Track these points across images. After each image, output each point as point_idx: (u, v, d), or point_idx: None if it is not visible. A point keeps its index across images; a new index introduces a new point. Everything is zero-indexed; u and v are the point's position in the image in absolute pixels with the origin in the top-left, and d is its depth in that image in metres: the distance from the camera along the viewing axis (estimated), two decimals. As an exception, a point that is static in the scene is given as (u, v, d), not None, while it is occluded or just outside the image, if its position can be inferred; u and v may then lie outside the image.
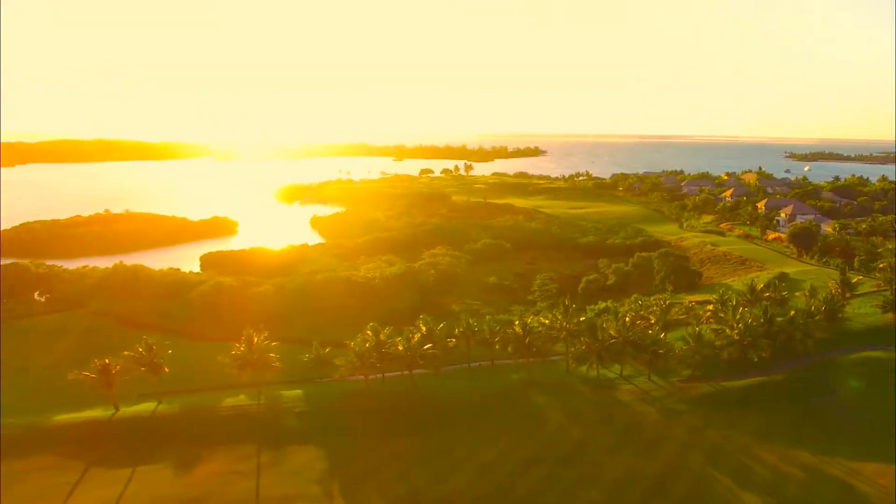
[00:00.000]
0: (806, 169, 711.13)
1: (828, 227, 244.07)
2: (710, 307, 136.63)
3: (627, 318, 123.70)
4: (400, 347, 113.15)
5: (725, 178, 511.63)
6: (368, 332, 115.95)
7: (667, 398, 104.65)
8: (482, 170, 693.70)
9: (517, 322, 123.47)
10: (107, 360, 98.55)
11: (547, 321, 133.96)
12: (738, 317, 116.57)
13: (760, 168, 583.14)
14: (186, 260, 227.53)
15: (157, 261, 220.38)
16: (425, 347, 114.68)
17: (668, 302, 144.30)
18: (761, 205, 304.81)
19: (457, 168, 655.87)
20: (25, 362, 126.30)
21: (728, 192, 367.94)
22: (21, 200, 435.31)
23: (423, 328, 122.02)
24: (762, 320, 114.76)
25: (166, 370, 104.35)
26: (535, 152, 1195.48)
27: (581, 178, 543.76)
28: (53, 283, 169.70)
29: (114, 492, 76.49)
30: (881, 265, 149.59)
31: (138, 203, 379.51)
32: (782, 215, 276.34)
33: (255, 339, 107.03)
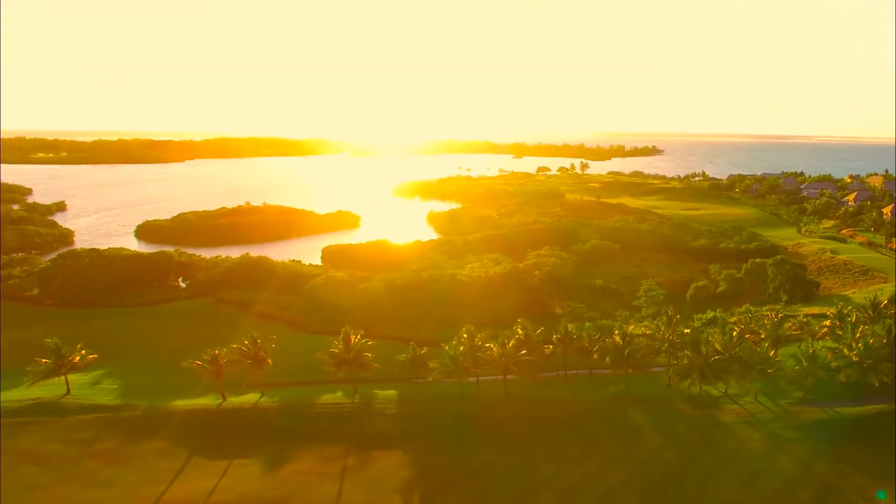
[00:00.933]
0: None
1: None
2: (827, 323, 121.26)
3: (735, 333, 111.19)
4: (495, 351, 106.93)
5: (849, 181, 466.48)
6: (464, 334, 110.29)
7: (774, 423, 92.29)
8: (598, 168, 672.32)
9: (617, 332, 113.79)
10: (216, 351, 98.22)
11: (649, 331, 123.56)
12: (857, 335, 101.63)
13: (887, 171, 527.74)
14: (310, 252, 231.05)
15: (284, 252, 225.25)
16: (521, 354, 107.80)
17: (780, 315, 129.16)
18: (887, 210, 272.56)
19: (573, 166, 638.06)
20: (157, 344, 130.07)
21: (851, 196, 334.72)
22: (188, 192, 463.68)
23: (521, 332, 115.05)
24: (885, 340, 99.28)
25: (269, 363, 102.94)
26: (652, 151, 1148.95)
27: (697, 178, 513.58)
28: (191, 270, 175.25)
29: (208, 484, 74.99)
30: None
31: (277, 196, 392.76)
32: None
33: (353, 339, 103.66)
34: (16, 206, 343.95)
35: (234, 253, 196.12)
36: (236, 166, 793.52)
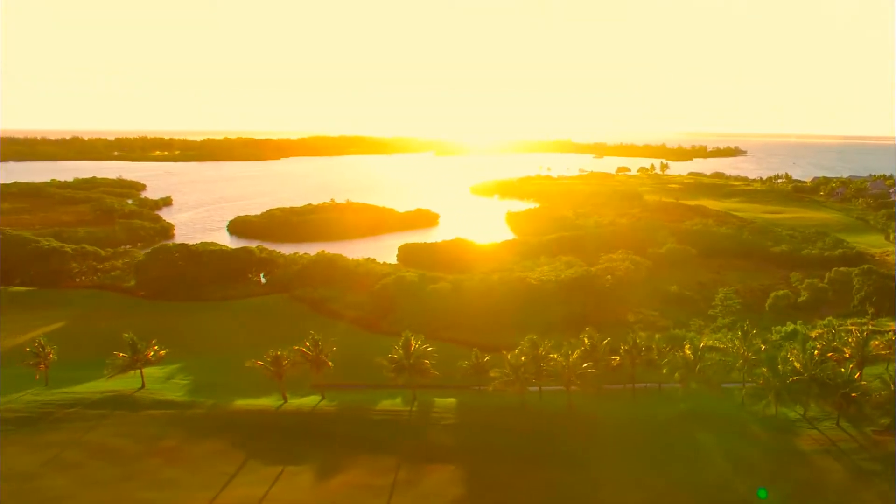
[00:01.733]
0: None
1: None
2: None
3: (816, 352, 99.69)
4: (558, 361, 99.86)
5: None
6: (526, 343, 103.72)
7: (857, 453, 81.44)
8: (679, 169, 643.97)
9: (688, 345, 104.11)
10: (278, 353, 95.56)
11: (723, 345, 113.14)
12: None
13: None
14: (387, 250, 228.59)
15: (362, 249, 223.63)
16: (585, 366, 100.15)
17: (867, 331, 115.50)
18: None
19: (653, 167, 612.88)
20: (231, 340, 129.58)
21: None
22: (280, 188, 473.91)
23: (587, 342, 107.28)
24: None
25: (330, 365, 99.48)
26: (734, 152, 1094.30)
27: (780, 180, 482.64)
28: (270, 266, 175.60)
29: (259, 491, 71.84)
30: None
31: (361, 193, 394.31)
32: None
33: (413, 345, 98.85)
34: (130, 201, 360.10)
35: (315, 249, 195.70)
36: (326, 164, 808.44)
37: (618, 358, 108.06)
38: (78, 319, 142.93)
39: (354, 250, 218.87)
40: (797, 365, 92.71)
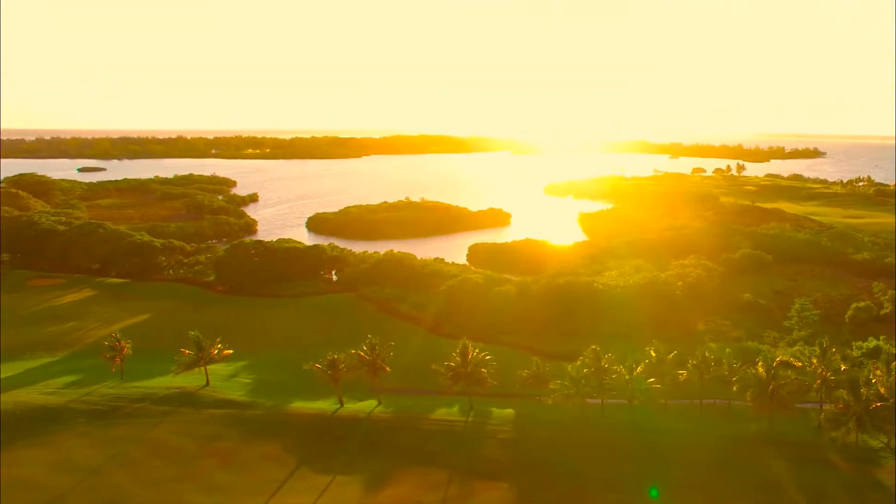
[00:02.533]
0: None
1: None
2: None
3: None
4: (622, 374, 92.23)
5: None
6: (589, 354, 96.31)
7: (950, 491, 70.30)
8: (755, 170, 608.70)
9: (761, 364, 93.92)
10: (335, 356, 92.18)
11: (799, 362, 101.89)
12: None
13: None
14: (457, 249, 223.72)
15: (432, 248, 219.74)
16: (649, 381, 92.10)
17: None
18: None
19: (728, 168, 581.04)
20: (297, 338, 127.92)
21: None
22: (359, 186, 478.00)
23: (653, 354, 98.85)
24: None
25: (387, 370, 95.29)
26: (813, 154, 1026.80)
27: (861, 183, 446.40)
28: (340, 265, 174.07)
29: (307, 501, 68.52)
30: None
31: (436, 192, 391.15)
32: None
33: (471, 352, 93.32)
34: (220, 197, 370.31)
35: (388, 247, 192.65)
36: (405, 162, 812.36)
37: (685, 373, 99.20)
38: (161, 312, 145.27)
39: (426, 249, 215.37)
40: (881, 389, 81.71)
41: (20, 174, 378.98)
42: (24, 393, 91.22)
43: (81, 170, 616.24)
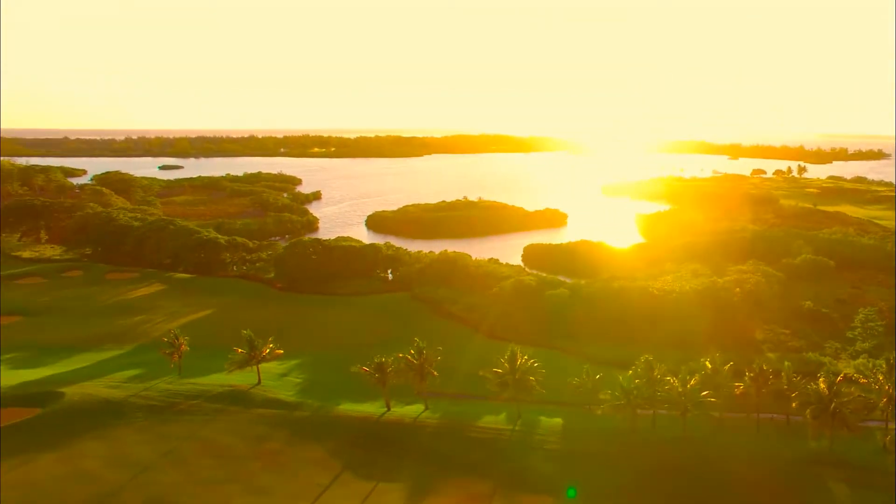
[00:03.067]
0: None
1: None
2: None
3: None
4: (675, 386, 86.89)
5: None
6: (641, 364, 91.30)
7: None
8: (817, 172, 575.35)
9: (822, 379, 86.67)
10: (382, 359, 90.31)
11: (864, 378, 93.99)
12: None
13: None
14: (513, 249, 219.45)
15: (487, 249, 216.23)
16: (704, 394, 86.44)
17: None
18: None
19: (789, 169, 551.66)
20: (350, 337, 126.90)
21: None
22: (419, 185, 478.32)
23: (709, 366, 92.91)
24: None
25: (435, 374, 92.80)
26: (877, 155, 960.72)
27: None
28: (395, 264, 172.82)
29: (348, 508, 66.72)
30: None
31: (494, 191, 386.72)
32: None
33: (520, 359, 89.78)
34: (285, 195, 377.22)
35: (445, 246, 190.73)
36: (465, 161, 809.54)
37: (741, 386, 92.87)
38: (222, 308, 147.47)
39: (482, 249, 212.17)
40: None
41: (107, 172, 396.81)
42: (91, 385, 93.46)
43: (162, 167, 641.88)
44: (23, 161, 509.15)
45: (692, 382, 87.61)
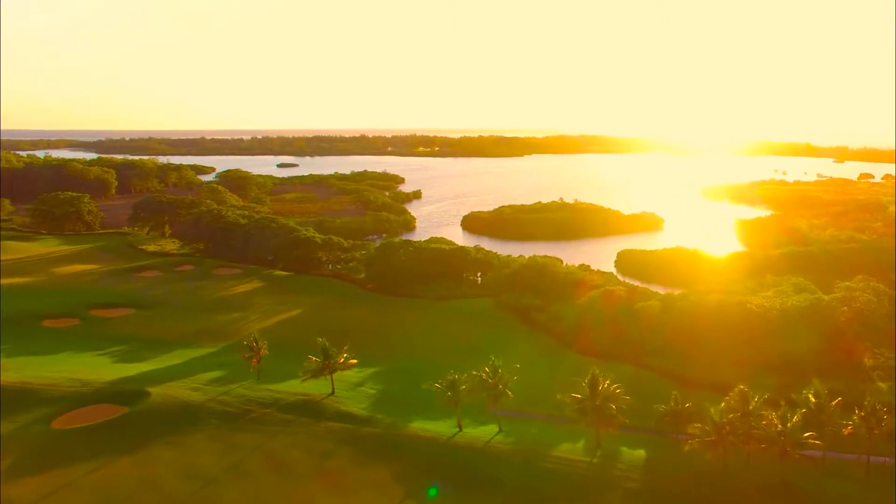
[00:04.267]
0: None
1: None
2: None
3: None
4: (774, 419, 73.05)
5: None
6: (735, 396, 77.99)
7: None
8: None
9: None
10: (455, 376, 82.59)
11: None
12: None
13: None
14: (606, 254, 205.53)
15: (580, 253, 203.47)
16: (806, 435, 72.22)
17: None
18: None
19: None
20: (432, 343, 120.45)
21: None
22: (516, 185, 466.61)
23: (813, 400, 77.96)
24: None
25: (509, 395, 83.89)
26: None
27: None
28: (483, 268, 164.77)
29: (404, 544, 59.62)
30: None
31: (590, 192, 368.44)
32: None
33: (601, 384, 79.00)
34: (387, 193, 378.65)
35: (538, 248, 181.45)
36: (565, 161, 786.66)
37: (851, 426, 77.11)
38: (312, 307, 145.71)
39: (575, 253, 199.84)
40: None
41: (228, 170, 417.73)
42: (174, 386, 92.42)
43: (280, 165, 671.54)
44: (164, 160, 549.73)
45: (794, 420, 73.46)
